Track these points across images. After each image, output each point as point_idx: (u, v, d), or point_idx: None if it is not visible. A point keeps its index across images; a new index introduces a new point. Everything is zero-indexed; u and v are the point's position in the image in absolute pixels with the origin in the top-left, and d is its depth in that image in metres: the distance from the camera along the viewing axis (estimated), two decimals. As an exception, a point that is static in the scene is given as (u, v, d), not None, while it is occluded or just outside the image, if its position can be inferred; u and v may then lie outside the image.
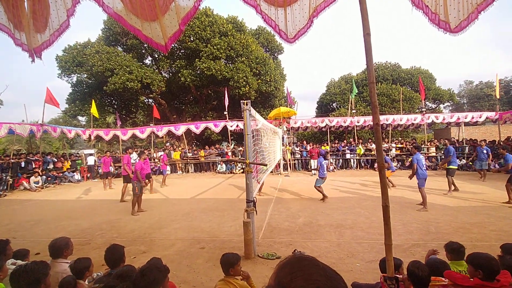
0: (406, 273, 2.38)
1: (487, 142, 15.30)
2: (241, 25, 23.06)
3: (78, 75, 22.10)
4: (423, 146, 17.75)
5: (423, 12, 2.57)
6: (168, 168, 15.72)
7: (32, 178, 13.57)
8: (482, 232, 5.48)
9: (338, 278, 0.66)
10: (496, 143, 15.70)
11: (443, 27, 2.57)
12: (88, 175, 17.15)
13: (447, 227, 5.83)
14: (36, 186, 13.39)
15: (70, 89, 23.31)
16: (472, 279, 2.27)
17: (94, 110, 17.82)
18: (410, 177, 7.80)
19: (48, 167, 15.64)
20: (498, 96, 17.70)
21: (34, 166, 14.55)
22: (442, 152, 14.57)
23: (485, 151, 11.67)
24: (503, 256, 2.69)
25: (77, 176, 16.50)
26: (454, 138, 18.85)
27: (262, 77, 21.79)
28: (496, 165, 14.30)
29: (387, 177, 9.79)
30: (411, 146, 15.40)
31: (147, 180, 9.39)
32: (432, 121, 18.24)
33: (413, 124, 19.17)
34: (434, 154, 17.03)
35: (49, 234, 6.10)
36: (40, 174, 14.22)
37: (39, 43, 2.86)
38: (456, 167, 9.29)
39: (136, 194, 7.86)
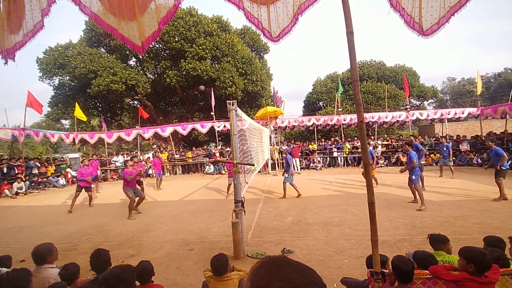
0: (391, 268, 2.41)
1: (447, 138, 15.82)
2: (226, 25, 22.93)
3: (60, 77, 21.42)
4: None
5: (399, 14, 2.60)
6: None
7: (15, 184, 13.16)
8: (465, 226, 5.62)
9: (313, 273, 0.66)
10: (479, 138, 16.15)
11: (416, 29, 2.61)
12: (74, 179, 16.75)
13: (432, 222, 5.96)
14: (19, 192, 13.00)
15: (52, 92, 22.66)
16: (459, 273, 2.27)
17: (78, 113, 17.31)
18: (402, 170, 7.60)
19: (31, 173, 15.21)
20: (479, 92, 18.18)
21: (16, 172, 14.11)
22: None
23: (445, 148, 11.48)
24: (484, 249, 2.76)
25: (62, 180, 16.09)
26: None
27: (248, 77, 21.77)
28: (479, 160, 14.71)
29: (373, 175, 9.98)
30: (403, 144, 15.05)
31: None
32: (417, 118, 18.65)
33: (398, 121, 19.57)
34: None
35: (34, 240, 5.93)
36: (23, 179, 13.80)
37: (12, 44, 2.77)
38: (423, 162, 9.75)
39: (131, 198, 7.76)
